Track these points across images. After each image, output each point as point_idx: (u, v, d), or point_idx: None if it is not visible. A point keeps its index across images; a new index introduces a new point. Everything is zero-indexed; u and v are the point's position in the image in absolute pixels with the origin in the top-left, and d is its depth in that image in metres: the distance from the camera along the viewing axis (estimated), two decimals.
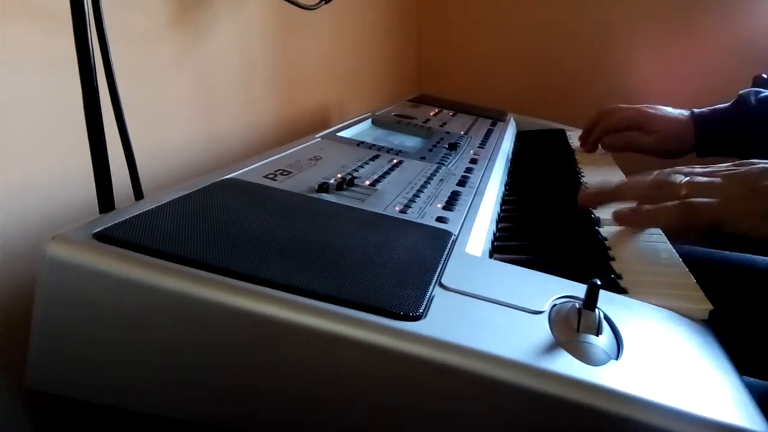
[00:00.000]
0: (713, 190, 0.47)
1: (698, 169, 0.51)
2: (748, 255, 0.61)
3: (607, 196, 0.55)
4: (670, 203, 0.48)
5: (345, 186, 0.51)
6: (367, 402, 0.32)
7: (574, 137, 1.02)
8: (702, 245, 0.64)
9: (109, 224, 0.35)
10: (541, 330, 0.33)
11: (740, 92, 0.82)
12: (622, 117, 0.89)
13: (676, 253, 0.49)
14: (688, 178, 0.49)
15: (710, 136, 0.82)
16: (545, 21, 1.59)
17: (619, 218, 0.51)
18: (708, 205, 0.46)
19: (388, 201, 0.49)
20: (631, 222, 0.51)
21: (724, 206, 0.46)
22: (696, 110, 0.84)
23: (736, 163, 0.50)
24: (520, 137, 1.03)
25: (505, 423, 0.30)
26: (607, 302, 0.37)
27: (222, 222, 0.39)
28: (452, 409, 0.30)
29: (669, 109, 0.86)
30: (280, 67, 0.94)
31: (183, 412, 0.34)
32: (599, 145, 0.93)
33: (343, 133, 0.73)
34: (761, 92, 0.80)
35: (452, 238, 0.43)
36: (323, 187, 0.49)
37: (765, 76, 1.21)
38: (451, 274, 0.37)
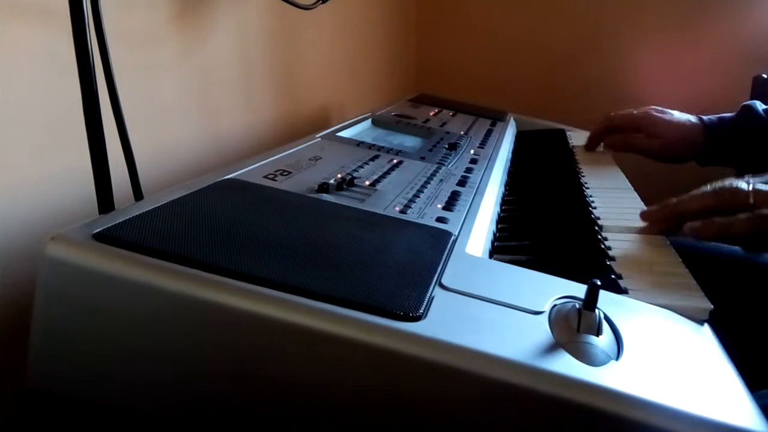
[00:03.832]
0: None
1: (757, 177, 0.51)
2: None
3: (670, 216, 0.53)
4: (742, 215, 0.47)
5: (345, 186, 0.51)
6: (366, 402, 0.32)
7: (574, 137, 1.02)
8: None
9: (109, 224, 0.35)
10: (541, 330, 0.33)
11: (744, 103, 0.81)
12: (627, 117, 0.88)
13: (676, 253, 0.49)
14: (753, 187, 0.49)
15: (718, 145, 0.81)
16: (545, 21, 1.59)
17: (691, 231, 0.49)
18: None
19: (388, 201, 0.49)
20: (705, 234, 0.50)
21: None
22: (705, 118, 0.83)
23: None
24: (520, 137, 1.03)
25: (506, 423, 0.30)
26: (607, 302, 0.37)
27: (222, 222, 0.39)
28: (452, 410, 0.30)
29: (676, 114, 0.84)
30: (280, 67, 0.94)
31: (182, 411, 0.34)
32: (601, 144, 0.93)
33: (343, 133, 0.73)
34: (761, 105, 0.80)
35: (452, 239, 0.43)
36: (323, 187, 0.49)
37: (765, 76, 1.21)
38: (451, 275, 0.37)
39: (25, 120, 0.50)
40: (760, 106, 0.80)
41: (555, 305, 0.36)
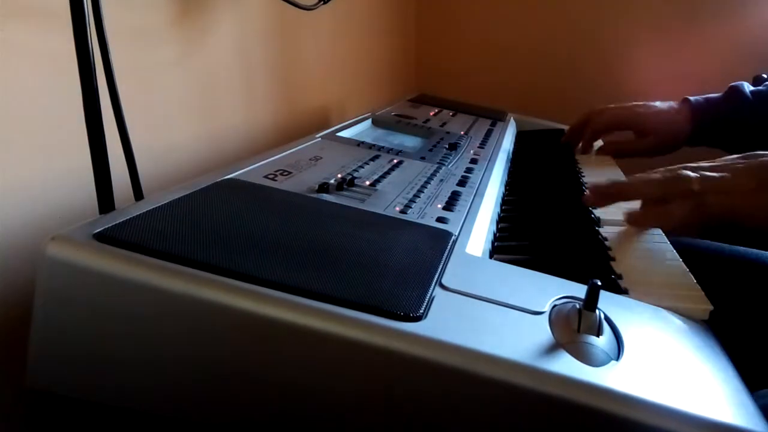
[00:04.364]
0: (725, 185, 0.47)
1: (705, 163, 0.50)
2: (754, 249, 0.61)
3: (614, 195, 0.53)
4: (681, 201, 0.47)
5: (345, 186, 0.51)
6: (366, 402, 0.32)
7: None
8: (710, 239, 0.64)
9: (109, 224, 0.35)
10: (541, 330, 0.33)
11: (732, 84, 0.81)
12: (613, 117, 0.88)
13: (676, 253, 0.49)
14: (697, 174, 0.48)
15: (706, 125, 0.81)
16: (545, 20, 1.59)
17: (631, 220, 0.49)
18: (721, 202, 0.46)
19: (388, 201, 0.49)
20: (644, 223, 0.50)
21: (738, 201, 0.45)
22: (692, 99, 0.83)
23: (744, 155, 0.49)
24: (520, 137, 1.03)
25: (505, 423, 0.30)
26: (608, 303, 0.37)
27: (222, 222, 0.39)
28: (452, 410, 0.30)
29: (658, 104, 0.85)
30: (280, 67, 0.94)
31: (181, 411, 0.34)
32: (594, 147, 0.93)
33: (343, 133, 0.73)
34: (749, 86, 0.80)
35: (452, 239, 0.43)
36: (323, 188, 0.49)
37: (765, 76, 1.21)
38: (451, 275, 0.37)
39: (25, 120, 0.50)
40: (747, 87, 0.80)
41: (555, 305, 0.36)
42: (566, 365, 0.30)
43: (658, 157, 0.85)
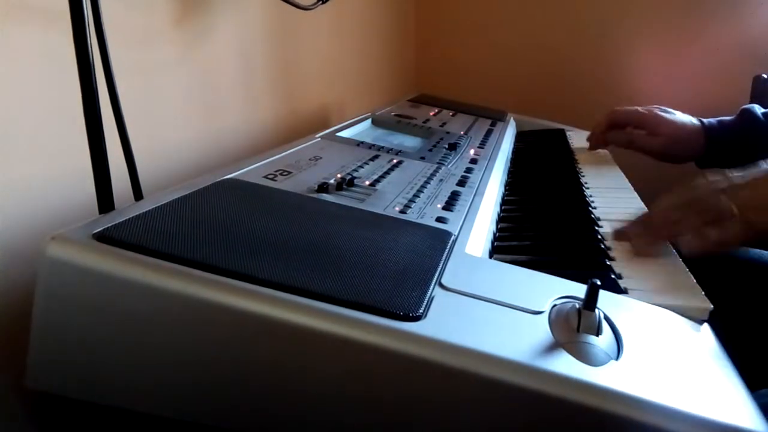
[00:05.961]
0: (761, 200, 0.46)
1: (719, 179, 0.50)
2: (754, 249, 0.61)
3: (664, 237, 0.51)
4: (734, 226, 0.47)
5: (345, 186, 0.51)
6: (366, 402, 0.32)
7: (574, 137, 1.02)
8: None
9: (109, 224, 0.35)
10: (541, 330, 0.33)
11: (743, 107, 0.81)
12: (631, 114, 0.88)
13: (677, 253, 0.49)
14: (731, 197, 0.48)
15: (718, 148, 0.81)
16: (545, 21, 1.59)
17: (690, 250, 0.48)
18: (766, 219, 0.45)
19: (387, 201, 0.49)
20: (705, 251, 0.48)
21: None
22: (705, 120, 0.84)
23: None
24: (520, 137, 1.03)
25: (505, 423, 0.30)
26: (607, 302, 0.37)
27: (222, 222, 0.39)
28: (452, 409, 0.30)
29: (679, 114, 0.85)
30: (280, 67, 0.94)
31: (182, 411, 0.34)
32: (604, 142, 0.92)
33: (343, 133, 0.73)
34: (760, 108, 0.80)
35: (452, 239, 0.43)
36: (323, 188, 0.49)
37: (765, 76, 1.21)
38: (451, 275, 0.37)
39: (25, 120, 0.50)
40: (759, 109, 0.80)
41: (555, 305, 0.36)
42: (566, 365, 0.30)
43: (663, 167, 0.85)
